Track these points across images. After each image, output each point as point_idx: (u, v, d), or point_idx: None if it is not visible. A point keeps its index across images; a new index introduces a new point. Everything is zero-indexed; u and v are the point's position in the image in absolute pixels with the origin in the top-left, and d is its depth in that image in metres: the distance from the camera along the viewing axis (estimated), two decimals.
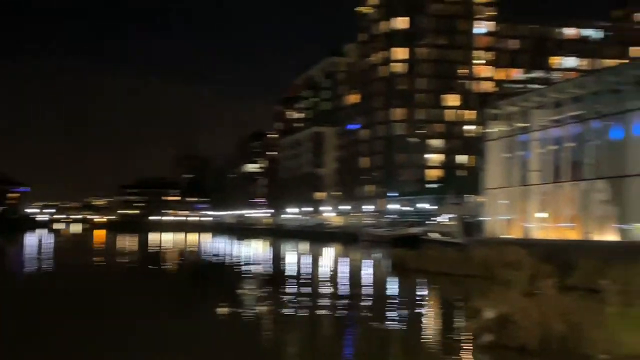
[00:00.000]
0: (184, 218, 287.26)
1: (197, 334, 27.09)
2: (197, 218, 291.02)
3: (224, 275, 58.53)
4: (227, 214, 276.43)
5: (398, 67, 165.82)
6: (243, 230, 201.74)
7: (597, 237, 52.88)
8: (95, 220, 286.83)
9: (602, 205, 52.43)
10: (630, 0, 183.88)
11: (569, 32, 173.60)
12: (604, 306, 22.16)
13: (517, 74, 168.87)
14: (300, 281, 52.06)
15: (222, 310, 33.35)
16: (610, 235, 51.75)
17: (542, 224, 61.01)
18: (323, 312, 33.81)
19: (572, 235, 56.23)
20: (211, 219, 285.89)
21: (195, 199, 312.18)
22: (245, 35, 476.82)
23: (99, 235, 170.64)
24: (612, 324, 21.45)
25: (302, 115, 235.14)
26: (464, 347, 24.68)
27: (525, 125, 64.49)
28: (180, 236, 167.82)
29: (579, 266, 43.58)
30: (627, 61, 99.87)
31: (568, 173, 57.53)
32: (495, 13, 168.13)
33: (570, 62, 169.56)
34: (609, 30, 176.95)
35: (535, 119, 63.15)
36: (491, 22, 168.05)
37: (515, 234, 63.83)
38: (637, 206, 49.45)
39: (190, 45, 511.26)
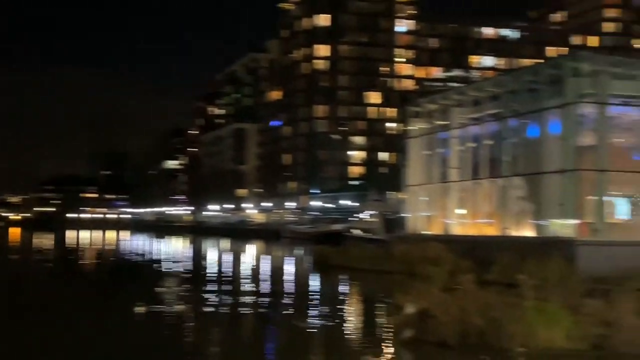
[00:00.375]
0: (102, 215, 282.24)
1: (111, 333, 26.45)
2: (116, 215, 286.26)
3: (141, 274, 57.59)
4: (146, 211, 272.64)
5: (320, 64, 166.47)
6: (163, 228, 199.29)
7: (514, 232, 53.87)
8: (10, 217, 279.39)
9: (519, 201, 53.39)
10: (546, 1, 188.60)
11: (488, 31, 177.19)
12: (521, 301, 22.48)
13: (437, 72, 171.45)
14: (221, 279, 51.61)
15: (140, 309, 32.67)
16: (527, 231, 52.78)
17: (462, 220, 61.87)
18: (244, 309, 33.52)
19: (491, 231, 57.15)
20: (130, 216, 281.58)
21: (114, 196, 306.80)
22: (171, 27, 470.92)
23: (14, 233, 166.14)
24: (529, 318, 21.80)
25: (223, 111, 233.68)
26: (385, 343, 24.78)
27: (445, 123, 65.26)
28: (98, 234, 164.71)
29: (497, 261, 44.34)
30: (542, 61, 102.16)
31: (486, 170, 58.43)
32: (416, 12, 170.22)
33: (489, 61, 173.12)
34: (526, 30, 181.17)
35: (454, 117, 63.95)
36: (412, 21, 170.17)
37: (435, 230, 64.56)
38: (552, 202, 50.54)
39: (112, 38, 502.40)
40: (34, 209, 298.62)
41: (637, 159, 51.72)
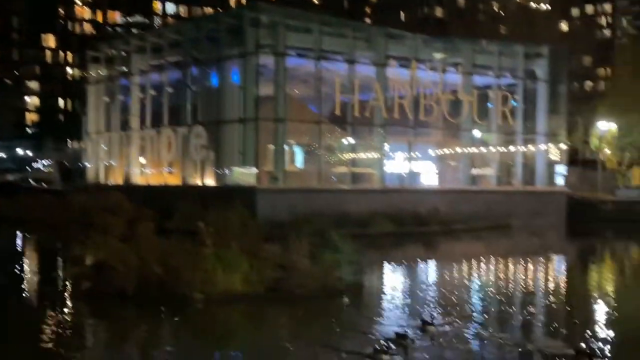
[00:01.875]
0: None
1: None
2: None
3: None
4: None
5: None
6: None
7: (196, 181, 54.25)
8: None
9: (201, 150, 53.69)
10: None
11: None
12: (200, 248, 22.54)
13: (118, 16, 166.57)
14: None
15: None
16: (209, 179, 53.41)
17: (143, 170, 61.09)
18: None
19: (173, 180, 57.08)
20: None
21: None
22: None
23: None
24: (208, 264, 21.93)
25: None
26: (63, 296, 23.73)
27: (126, 69, 63.63)
28: None
29: (178, 210, 44.39)
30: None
31: (167, 118, 57.95)
32: None
33: (172, 7, 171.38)
34: None
35: (135, 64, 62.55)
36: None
37: (117, 179, 63.18)
38: (233, 151, 51.47)
39: None
40: None
41: (313, 109, 54.29)
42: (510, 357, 15.45)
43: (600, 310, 22.92)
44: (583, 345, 15.88)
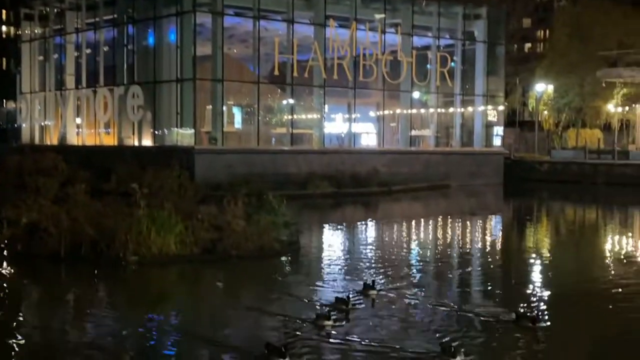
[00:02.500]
0: None
1: None
2: None
3: None
4: None
5: None
6: None
7: (133, 142, 53.48)
8: None
9: (138, 110, 52.81)
10: None
11: None
12: (134, 209, 22.20)
13: None
14: None
15: None
16: (146, 140, 52.69)
17: (79, 130, 60.01)
18: None
19: (109, 140, 56.19)
20: None
21: None
22: None
23: None
24: (142, 226, 21.64)
25: None
26: None
27: (60, 27, 62.08)
28: None
29: (115, 171, 43.80)
30: None
31: (104, 78, 56.82)
32: None
33: None
34: None
35: (70, 21, 61.04)
36: None
37: (52, 140, 61.97)
38: (170, 112, 50.78)
39: None
40: None
41: (252, 70, 53.77)
42: (450, 322, 15.28)
43: (539, 270, 23.28)
44: (523, 310, 15.88)
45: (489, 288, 20.05)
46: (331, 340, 14.04)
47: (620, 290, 19.43)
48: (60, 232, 22.04)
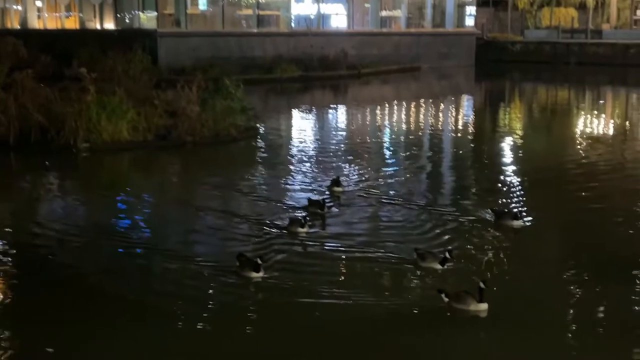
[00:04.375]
0: None
1: None
2: None
3: None
4: None
5: None
6: None
7: (95, 25, 52.03)
8: None
9: None
10: None
11: None
12: (83, 95, 21.48)
13: None
14: None
15: None
16: (108, 24, 51.27)
17: (40, 14, 58.23)
18: None
19: (70, 24, 54.63)
20: None
21: None
22: None
23: None
24: (91, 112, 21.01)
25: None
26: None
27: None
28: None
29: (76, 56, 42.66)
30: None
31: None
32: None
33: None
34: None
35: None
36: None
37: (13, 24, 60.19)
38: None
39: None
40: None
41: None
42: (424, 222, 14.20)
43: (511, 153, 22.99)
44: (501, 207, 14.86)
45: (463, 177, 19.30)
46: (308, 249, 12.73)
47: (587, 170, 19.41)
48: (9, 119, 21.40)
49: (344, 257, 12.28)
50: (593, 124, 30.12)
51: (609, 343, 9.32)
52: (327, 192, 16.31)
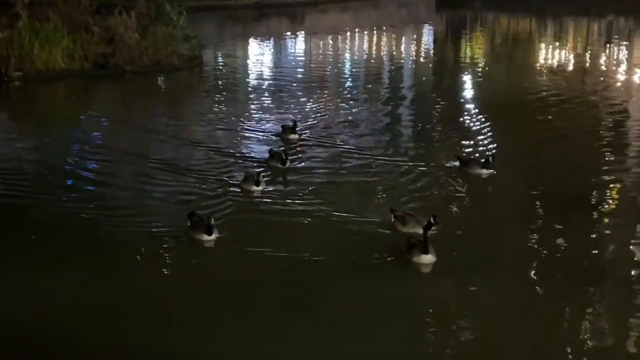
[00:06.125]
0: None
1: None
2: None
3: None
4: None
5: None
6: None
7: None
8: None
9: None
10: None
11: None
12: (14, 21, 20.48)
13: None
14: None
15: None
16: None
17: None
18: None
19: None
20: None
21: None
22: None
23: None
24: (24, 39, 20.07)
25: None
26: None
27: None
28: None
29: None
30: None
31: None
32: None
33: None
34: None
35: None
36: None
37: None
38: None
39: None
40: None
41: None
42: (387, 174, 12.94)
43: (473, 82, 22.58)
44: (466, 155, 13.85)
45: (425, 115, 17.93)
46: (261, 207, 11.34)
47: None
48: None
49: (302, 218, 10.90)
50: (554, 55, 29.67)
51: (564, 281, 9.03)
52: (279, 136, 14.93)
